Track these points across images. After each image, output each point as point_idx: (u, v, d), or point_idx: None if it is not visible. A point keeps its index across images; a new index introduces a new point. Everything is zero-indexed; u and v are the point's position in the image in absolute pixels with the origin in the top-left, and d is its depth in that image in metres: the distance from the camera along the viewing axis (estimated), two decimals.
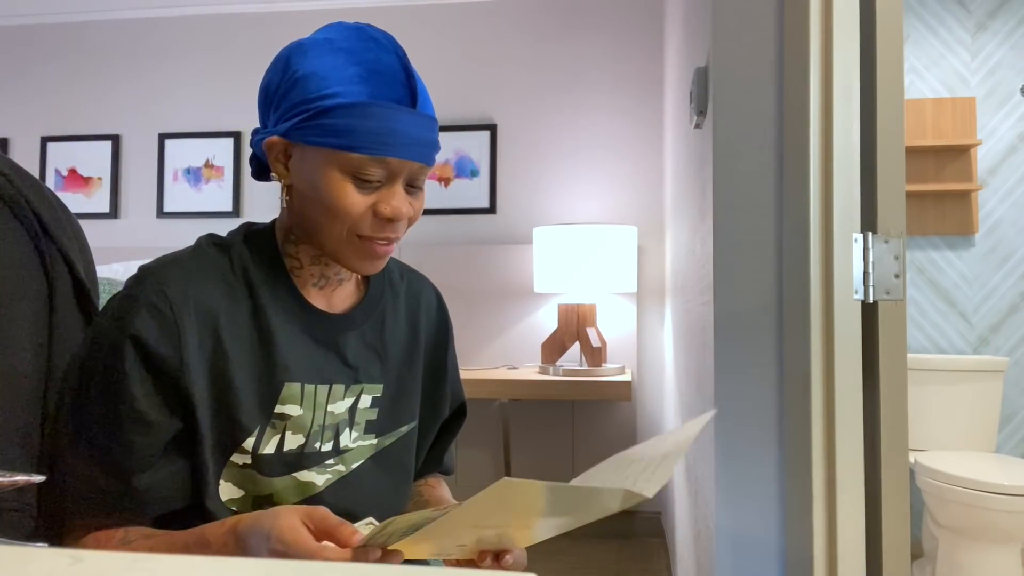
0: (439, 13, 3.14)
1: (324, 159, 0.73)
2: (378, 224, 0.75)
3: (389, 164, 0.73)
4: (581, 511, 0.61)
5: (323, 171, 0.73)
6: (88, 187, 3.35)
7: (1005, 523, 1.97)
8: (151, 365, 0.71)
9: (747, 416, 1.06)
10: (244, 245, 0.80)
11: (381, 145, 0.72)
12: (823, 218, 0.98)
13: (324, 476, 0.79)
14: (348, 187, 0.73)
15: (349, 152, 0.72)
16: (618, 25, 3.04)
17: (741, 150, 1.08)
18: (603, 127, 3.03)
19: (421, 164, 0.76)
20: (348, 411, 0.82)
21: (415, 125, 0.74)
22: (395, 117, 0.72)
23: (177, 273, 0.74)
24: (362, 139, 0.71)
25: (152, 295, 0.72)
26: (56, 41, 3.41)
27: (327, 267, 0.81)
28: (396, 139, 0.73)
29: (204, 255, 0.78)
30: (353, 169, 0.73)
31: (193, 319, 0.73)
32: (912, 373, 2.45)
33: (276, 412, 0.76)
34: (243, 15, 3.28)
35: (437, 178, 3.11)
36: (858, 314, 0.98)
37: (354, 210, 0.73)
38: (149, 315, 0.71)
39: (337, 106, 0.72)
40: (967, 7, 2.69)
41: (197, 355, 0.73)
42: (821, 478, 0.97)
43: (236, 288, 0.77)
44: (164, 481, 0.73)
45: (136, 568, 0.40)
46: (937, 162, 2.69)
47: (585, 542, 2.83)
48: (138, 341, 0.71)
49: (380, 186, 0.74)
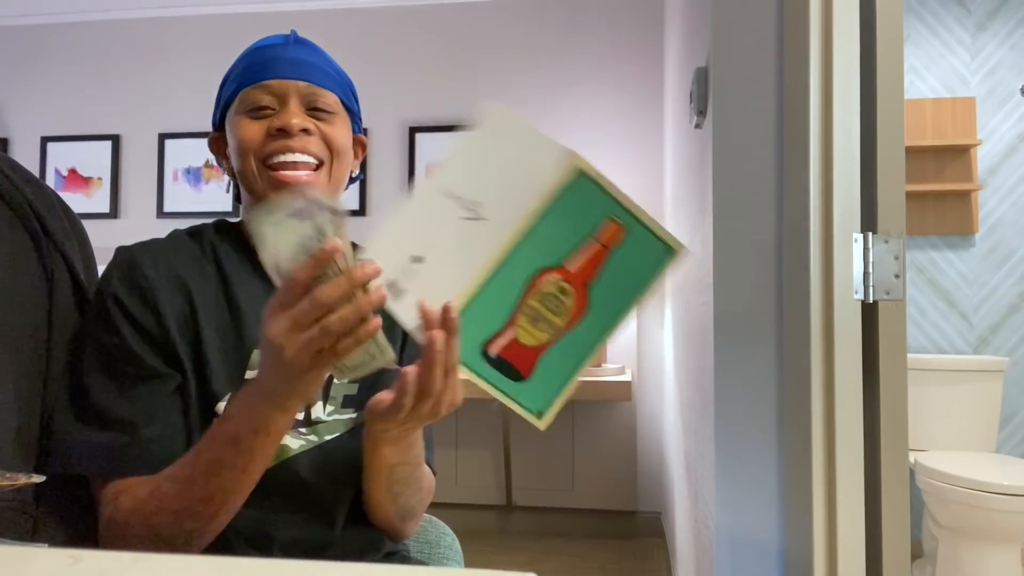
0: (439, 13, 3.14)
1: (230, 118, 0.82)
2: (275, 142, 0.78)
3: (270, 87, 0.80)
4: None
5: (230, 127, 0.82)
6: (88, 187, 3.35)
7: (1005, 523, 1.97)
8: (137, 323, 0.74)
9: (747, 416, 1.06)
10: (214, 231, 0.85)
11: (257, 73, 0.80)
12: (823, 218, 0.98)
13: (298, 442, 0.79)
14: (244, 121, 0.80)
15: (237, 94, 0.81)
16: (618, 25, 3.04)
17: (741, 150, 1.08)
18: (603, 127, 3.03)
19: (308, 84, 0.81)
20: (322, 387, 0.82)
21: (289, 51, 0.81)
22: (267, 51, 0.81)
23: (149, 250, 0.79)
24: (241, 77, 0.81)
25: (127, 268, 0.76)
26: (56, 41, 3.41)
27: None
28: (271, 64, 0.80)
29: (178, 240, 0.83)
30: (242, 105, 0.80)
31: (166, 287, 0.76)
32: (912, 373, 2.45)
33: (246, 378, 0.77)
34: (243, 15, 3.28)
35: None
36: (858, 314, 0.98)
37: (249, 135, 0.79)
38: (126, 284, 0.75)
39: (228, 75, 0.84)
40: (967, 7, 2.69)
41: (173, 321, 0.75)
42: (821, 478, 0.97)
43: (206, 266, 0.81)
44: (169, 434, 0.73)
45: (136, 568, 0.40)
46: (937, 162, 2.69)
47: (585, 542, 2.83)
48: (119, 302, 0.74)
49: (275, 111, 0.80)
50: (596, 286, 0.67)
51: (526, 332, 0.66)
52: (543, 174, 0.66)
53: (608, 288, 0.68)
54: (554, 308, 0.66)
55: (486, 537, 2.90)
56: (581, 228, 0.67)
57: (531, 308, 0.66)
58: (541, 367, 0.67)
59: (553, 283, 0.66)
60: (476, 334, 0.65)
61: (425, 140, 3.11)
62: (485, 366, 0.66)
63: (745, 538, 1.05)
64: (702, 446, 1.31)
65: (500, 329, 0.66)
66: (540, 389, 0.67)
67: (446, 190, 0.66)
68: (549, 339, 0.67)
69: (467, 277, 0.64)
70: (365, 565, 0.42)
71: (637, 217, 0.67)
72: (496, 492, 2.97)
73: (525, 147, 0.67)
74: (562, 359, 0.67)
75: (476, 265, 0.65)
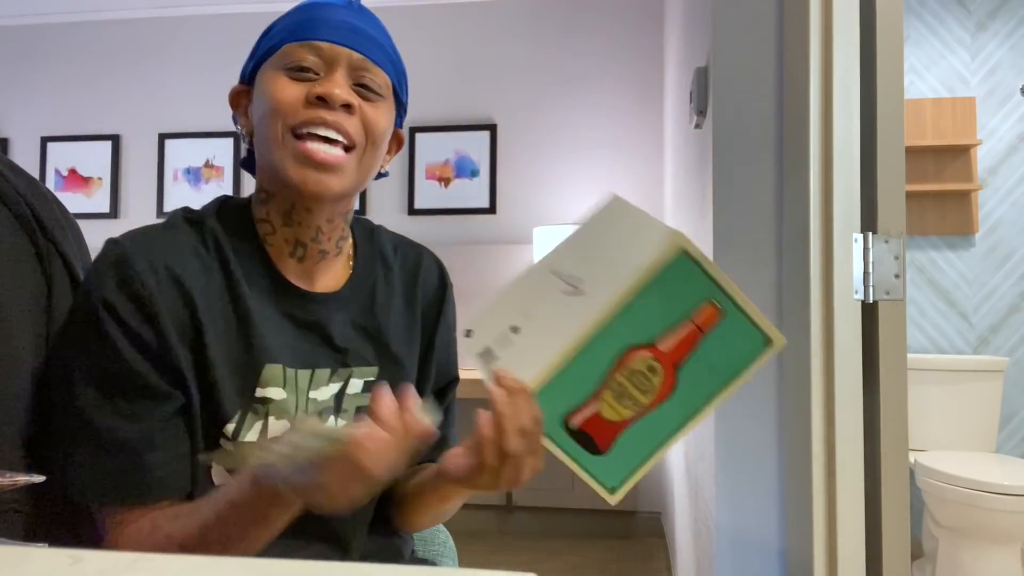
0: (439, 13, 3.14)
1: (263, 70, 0.72)
2: (310, 111, 0.69)
3: (319, 48, 0.70)
4: None
5: (262, 80, 0.71)
6: (88, 187, 3.35)
7: (1005, 523, 1.97)
8: (133, 335, 0.67)
9: (747, 416, 1.06)
10: (217, 219, 0.75)
11: (307, 30, 0.70)
12: (823, 218, 0.98)
13: None
14: (281, 78, 0.70)
15: (279, 48, 0.71)
16: (618, 25, 3.04)
17: (741, 150, 1.08)
18: (603, 127, 3.03)
19: (361, 56, 0.71)
20: (334, 398, 0.76)
21: (347, 15, 0.72)
22: (322, 8, 0.71)
23: (145, 245, 0.69)
24: (288, 31, 0.71)
25: (120, 270, 0.68)
26: (56, 41, 3.41)
27: (301, 227, 0.74)
28: (325, 24, 0.70)
29: (176, 228, 0.73)
30: (284, 60, 0.70)
31: (166, 293, 0.68)
32: (912, 373, 2.45)
33: (257, 396, 0.71)
34: (243, 15, 3.28)
35: (437, 178, 3.11)
36: (858, 314, 0.98)
37: (284, 95, 0.69)
38: (121, 291, 0.67)
39: (275, 22, 0.74)
40: (967, 7, 2.69)
41: (174, 332, 0.68)
42: (821, 478, 0.97)
43: (209, 263, 0.72)
44: (173, 462, 0.68)
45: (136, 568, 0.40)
46: (937, 162, 2.69)
47: (585, 542, 2.83)
48: (112, 310, 0.66)
49: (316, 77, 0.70)
50: (686, 368, 0.66)
51: (610, 407, 0.66)
52: (645, 251, 0.66)
53: (698, 371, 0.67)
54: (641, 386, 0.66)
55: (486, 537, 2.90)
56: (677, 308, 0.66)
57: (618, 384, 0.66)
58: (620, 443, 0.67)
59: (643, 361, 0.66)
60: (560, 404, 0.65)
61: (425, 140, 3.11)
62: (565, 436, 0.66)
63: (745, 538, 1.05)
64: (702, 446, 1.31)
65: (584, 401, 0.66)
66: (616, 465, 0.67)
67: (555, 268, 0.68)
68: (632, 416, 0.66)
69: (558, 348, 0.65)
70: (365, 565, 0.42)
71: (736, 302, 0.66)
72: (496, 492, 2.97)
73: (633, 229, 0.67)
74: (643, 438, 0.67)
75: (569, 337, 0.65)
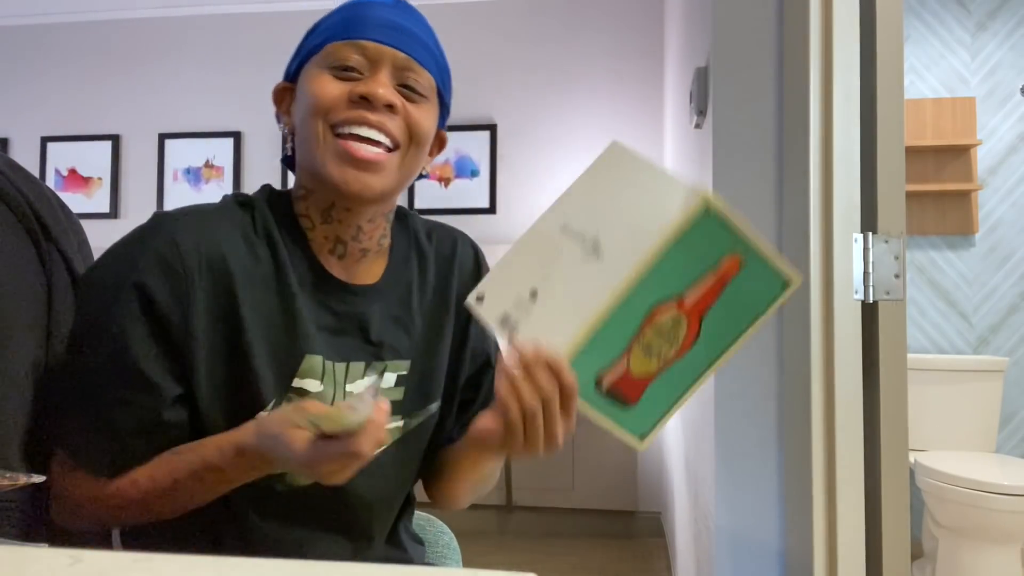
0: (439, 13, 3.14)
1: (308, 68, 0.72)
2: (352, 110, 0.68)
3: (364, 48, 0.70)
4: None
5: (306, 78, 0.72)
6: (88, 187, 3.35)
7: (1005, 523, 1.97)
8: (154, 321, 0.66)
9: (747, 416, 1.06)
10: (267, 205, 0.75)
11: (351, 29, 0.70)
12: (823, 218, 0.98)
13: None
14: (324, 77, 0.70)
15: (324, 47, 0.71)
16: (618, 25, 3.04)
17: (741, 150, 1.08)
18: (603, 127, 3.03)
19: (406, 56, 0.71)
20: None
21: (393, 13, 0.72)
22: (368, 7, 0.72)
23: (193, 224, 0.68)
24: (333, 30, 0.71)
25: (163, 245, 0.66)
26: (56, 41, 3.41)
27: (340, 225, 0.74)
28: (370, 23, 0.70)
29: (227, 210, 0.72)
30: (329, 59, 0.70)
31: (206, 276, 0.67)
32: (912, 373, 2.45)
33: (294, 387, 0.70)
34: (243, 15, 3.28)
35: (437, 178, 3.11)
36: (858, 314, 0.98)
37: (327, 93, 0.69)
38: (158, 267, 0.66)
39: (321, 21, 0.74)
40: (967, 7, 2.69)
41: (206, 318, 0.67)
42: (821, 478, 0.97)
43: (258, 247, 0.71)
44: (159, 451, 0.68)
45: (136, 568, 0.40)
46: (937, 162, 2.69)
47: (585, 542, 2.83)
48: (143, 291, 0.65)
49: (361, 77, 0.70)
50: (709, 316, 0.66)
51: (638, 362, 0.66)
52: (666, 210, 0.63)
53: (721, 318, 0.67)
54: (668, 339, 0.66)
55: (486, 537, 2.90)
56: (703, 263, 0.65)
57: (646, 341, 0.66)
58: (648, 394, 0.67)
59: (670, 316, 0.65)
60: (592, 368, 0.65)
61: None
62: (598, 398, 0.66)
63: (745, 538, 1.05)
64: (702, 446, 1.31)
65: (614, 361, 0.65)
66: (644, 414, 0.68)
67: (565, 226, 0.66)
68: (659, 368, 0.67)
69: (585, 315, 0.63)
70: (366, 565, 0.42)
71: (759, 250, 0.65)
72: (496, 492, 2.97)
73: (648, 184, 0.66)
74: (668, 386, 0.67)
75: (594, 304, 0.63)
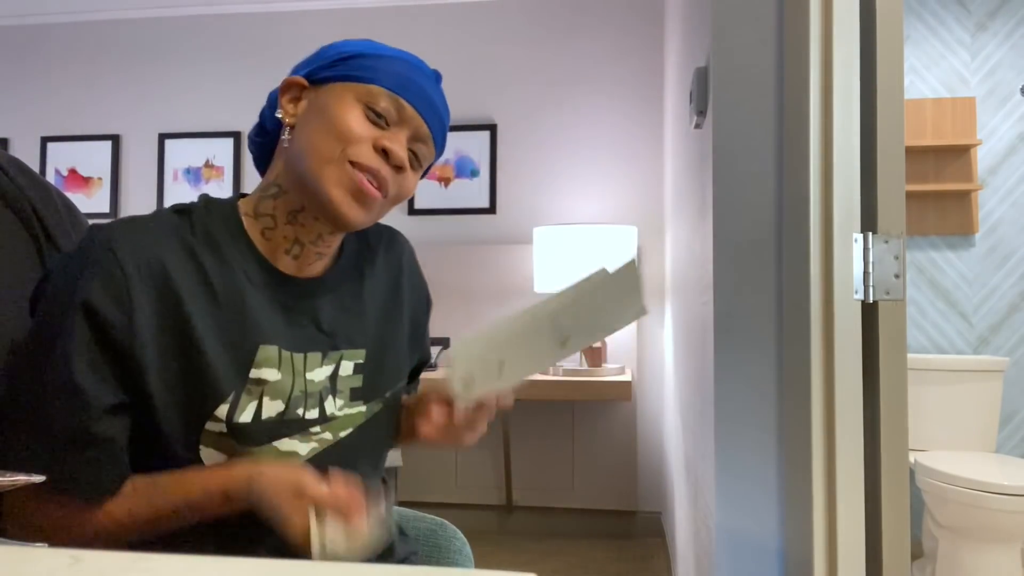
0: (439, 13, 3.14)
1: (342, 89, 0.75)
2: (374, 156, 0.74)
3: (403, 107, 0.76)
4: None
5: (338, 98, 0.75)
6: (88, 187, 3.35)
7: (1005, 523, 1.97)
8: (99, 334, 0.68)
9: (747, 416, 1.06)
10: (205, 210, 0.77)
11: (400, 87, 0.76)
12: (823, 218, 0.98)
13: (308, 445, 0.76)
14: (357, 111, 0.75)
15: (369, 84, 0.75)
16: (618, 25, 3.04)
17: (741, 150, 1.08)
18: (603, 127, 3.03)
19: (428, 131, 0.78)
20: (328, 379, 0.79)
21: (434, 91, 0.79)
22: (420, 75, 0.78)
23: (127, 230, 0.71)
24: (384, 76, 0.75)
25: (99, 253, 0.69)
26: (57, 41, 3.41)
27: (303, 228, 0.78)
28: (416, 89, 0.77)
29: (162, 217, 0.75)
30: (368, 98, 0.75)
31: (146, 279, 0.70)
32: (912, 373, 2.45)
33: (252, 377, 0.73)
34: (243, 15, 3.28)
35: (437, 178, 3.11)
36: (858, 314, 0.98)
37: (356, 131, 0.74)
38: (97, 278, 0.68)
39: (368, 53, 0.77)
40: (967, 7, 2.69)
41: (150, 319, 0.69)
42: (821, 478, 0.97)
43: (197, 247, 0.74)
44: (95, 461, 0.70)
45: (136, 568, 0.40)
46: (937, 162, 2.69)
47: (585, 542, 2.83)
48: (89, 308, 0.67)
49: (386, 128, 0.76)
50: None
51: None
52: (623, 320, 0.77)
53: None
54: None
55: (486, 537, 2.90)
56: None
57: None
58: None
59: None
60: None
61: None
62: None
63: (745, 538, 1.05)
64: (702, 446, 1.32)
65: None
66: None
67: (555, 320, 0.75)
68: None
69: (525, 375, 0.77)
70: (366, 565, 0.42)
71: None
72: (496, 492, 2.97)
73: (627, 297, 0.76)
74: None
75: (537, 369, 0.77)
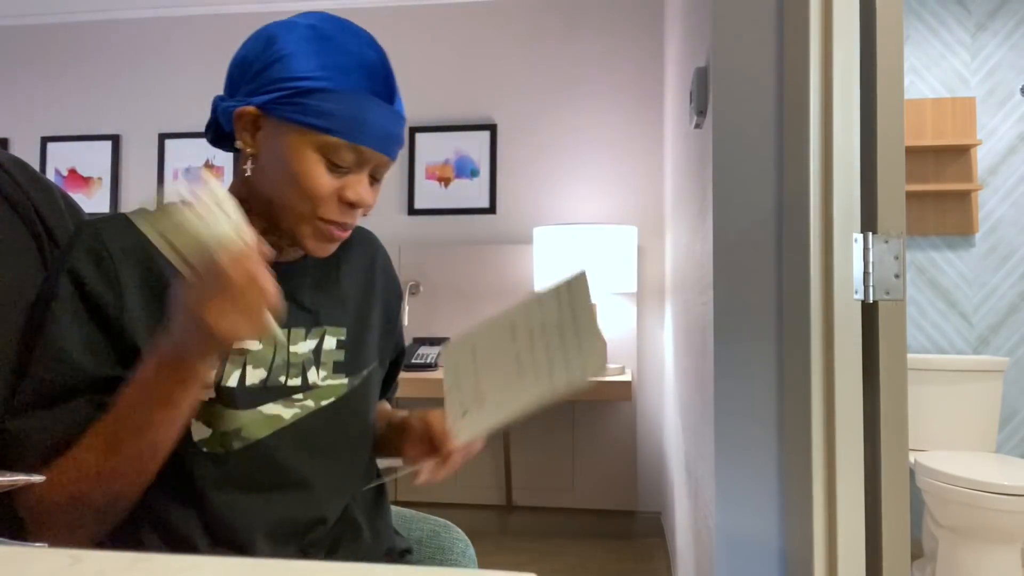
0: (439, 13, 3.14)
1: (299, 137, 0.74)
2: (341, 209, 0.78)
3: (362, 153, 0.76)
4: None
5: (296, 148, 0.75)
6: (88, 187, 3.35)
7: (1005, 523, 1.97)
8: (87, 303, 0.72)
9: (747, 416, 1.06)
10: None
11: (358, 133, 0.75)
12: (823, 218, 0.98)
13: (291, 410, 0.80)
14: (320, 169, 0.75)
15: (326, 135, 0.74)
16: (618, 25, 3.04)
17: (741, 150, 1.08)
18: (603, 127, 3.03)
19: (389, 159, 0.79)
20: (312, 352, 0.83)
21: (390, 120, 0.77)
22: (374, 109, 0.76)
23: (113, 221, 0.76)
24: (341, 124, 0.74)
25: (89, 238, 0.74)
26: (56, 41, 3.41)
27: (276, 235, 0.81)
28: (372, 130, 0.76)
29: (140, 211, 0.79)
30: (327, 151, 0.75)
31: (131, 260, 0.74)
32: (912, 373, 2.45)
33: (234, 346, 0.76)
34: (243, 15, 3.28)
35: (437, 178, 3.11)
36: (858, 314, 0.98)
37: (322, 191, 0.75)
38: (87, 255, 0.73)
39: (320, 89, 0.73)
40: (967, 7, 2.69)
41: (139, 296, 0.74)
42: (821, 478, 0.97)
43: None
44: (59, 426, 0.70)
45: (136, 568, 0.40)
46: (937, 162, 2.69)
47: (585, 542, 2.83)
48: (75, 275, 0.72)
49: (348, 172, 0.77)
50: None
51: None
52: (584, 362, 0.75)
53: None
54: None
55: (486, 537, 2.90)
56: None
57: None
58: None
59: None
60: None
61: (425, 140, 3.11)
62: None
63: (745, 538, 1.05)
64: (702, 446, 1.32)
65: None
66: None
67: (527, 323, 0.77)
68: None
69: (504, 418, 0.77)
70: (366, 565, 0.42)
71: None
72: (496, 492, 2.97)
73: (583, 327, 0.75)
74: None
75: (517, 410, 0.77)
